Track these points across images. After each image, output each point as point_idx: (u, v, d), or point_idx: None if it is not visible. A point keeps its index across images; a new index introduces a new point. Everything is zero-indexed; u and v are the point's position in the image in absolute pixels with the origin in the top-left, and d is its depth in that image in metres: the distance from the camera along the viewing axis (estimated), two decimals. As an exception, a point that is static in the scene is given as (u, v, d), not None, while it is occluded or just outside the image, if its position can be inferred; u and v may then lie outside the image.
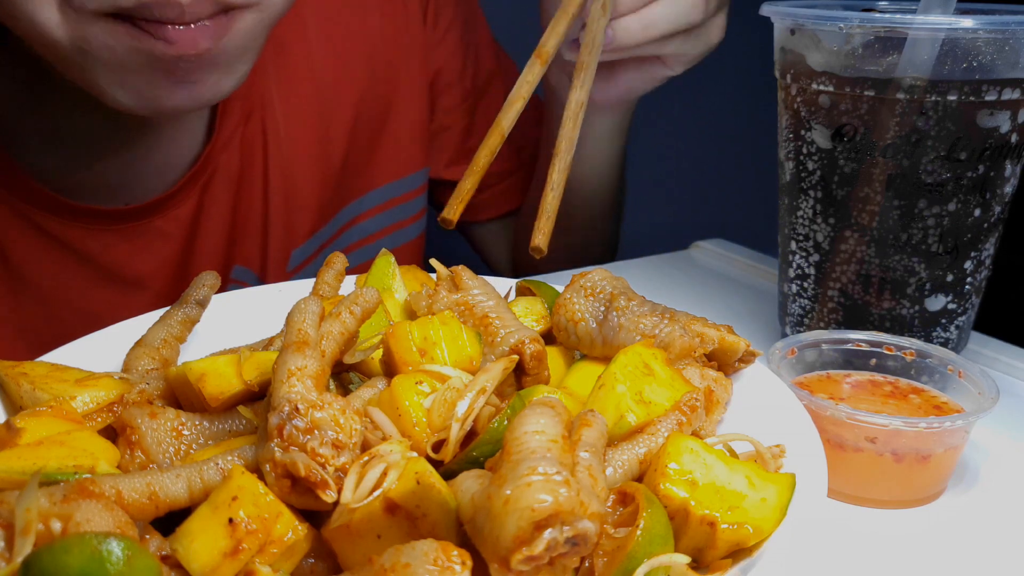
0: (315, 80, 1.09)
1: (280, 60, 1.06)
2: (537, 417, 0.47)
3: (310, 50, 1.09)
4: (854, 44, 0.75)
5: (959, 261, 0.79)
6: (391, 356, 0.62)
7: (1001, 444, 0.75)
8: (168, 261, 1.02)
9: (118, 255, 1.00)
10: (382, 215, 1.20)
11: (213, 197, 1.03)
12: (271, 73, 1.06)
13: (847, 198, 0.78)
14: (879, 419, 0.64)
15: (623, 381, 0.58)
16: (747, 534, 0.51)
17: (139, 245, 1.00)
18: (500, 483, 0.44)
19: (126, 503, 0.49)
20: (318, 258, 1.14)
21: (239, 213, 1.06)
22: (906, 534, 0.65)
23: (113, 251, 0.99)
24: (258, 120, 1.05)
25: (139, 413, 0.57)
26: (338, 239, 1.16)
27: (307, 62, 1.09)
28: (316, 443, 0.49)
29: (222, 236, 1.05)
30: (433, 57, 1.20)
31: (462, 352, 0.62)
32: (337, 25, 1.11)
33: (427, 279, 0.81)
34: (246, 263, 1.08)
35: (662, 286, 1.09)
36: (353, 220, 1.17)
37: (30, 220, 0.94)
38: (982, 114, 0.74)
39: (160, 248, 1.01)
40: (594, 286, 0.69)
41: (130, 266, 1.01)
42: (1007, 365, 0.88)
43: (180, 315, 0.73)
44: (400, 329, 0.62)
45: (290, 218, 1.09)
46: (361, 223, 1.18)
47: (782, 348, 0.74)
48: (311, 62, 1.09)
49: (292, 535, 0.49)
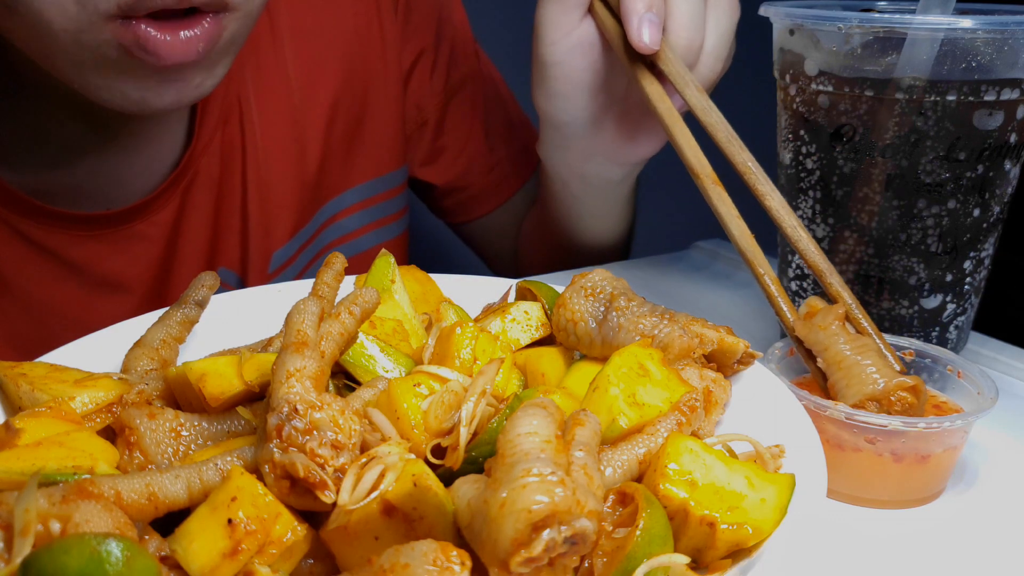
0: (289, 79, 1.09)
1: (255, 60, 1.06)
2: (529, 419, 0.47)
3: (283, 49, 1.08)
4: (853, 44, 0.75)
5: (958, 261, 0.79)
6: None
7: (1001, 444, 0.75)
8: (150, 265, 1.02)
9: (100, 260, 0.99)
10: (361, 213, 1.19)
11: (194, 200, 1.03)
12: (248, 74, 1.05)
13: (846, 198, 0.78)
14: (878, 419, 0.64)
15: (616, 384, 0.58)
16: (747, 534, 0.51)
17: (121, 249, 1.00)
18: (495, 486, 0.44)
19: (125, 504, 0.49)
20: (298, 258, 1.14)
21: (220, 216, 1.05)
22: (905, 534, 0.65)
23: (95, 256, 0.99)
24: (236, 122, 1.04)
25: (138, 414, 0.57)
26: (317, 238, 1.16)
27: (280, 61, 1.08)
28: (315, 444, 0.49)
29: (204, 239, 1.05)
30: (405, 51, 1.19)
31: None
32: (309, 22, 1.10)
33: (426, 279, 0.81)
34: (228, 265, 1.08)
35: (662, 286, 1.09)
36: (331, 218, 1.17)
37: (10, 225, 0.94)
38: (981, 114, 0.74)
39: (142, 252, 1.01)
40: (594, 286, 0.69)
41: (112, 270, 1.00)
42: (1007, 365, 0.88)
43: (179, 316, 0.73)
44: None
45: (270, 219, 1.09)
46: (340, 221, 1.17)
47: (782, 348, 0.74)
48: (284, 61, 1.09)
49: (291, 536, 0.49)
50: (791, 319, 0.72)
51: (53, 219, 0.95)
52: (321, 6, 1.12)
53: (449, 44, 1.23)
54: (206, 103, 1.01)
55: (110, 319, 0.77)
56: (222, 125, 1.03)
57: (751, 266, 0.75)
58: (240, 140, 1.05)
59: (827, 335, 0.69)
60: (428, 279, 0.81)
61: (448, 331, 0.65)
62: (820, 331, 0.69)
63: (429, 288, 0.81)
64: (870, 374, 0.66)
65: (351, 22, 1.14)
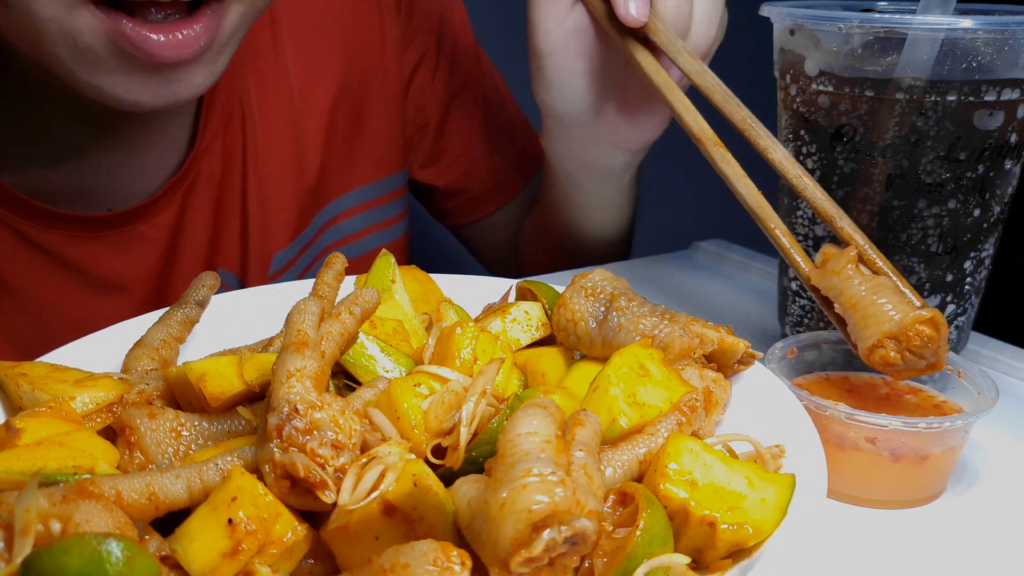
0: (290, 81, 1.09)
1: (256, 62, 1.06)
2: (529, 419, 0.47)
3: (284, 50, 1.08)
4: (853, 44, 0.75)
5: (959, 261, 0.79)
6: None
7: (1001, 444, 0.75)
8: (151, 266, 1.02)
9: (101, 261, 0.99)
10: (361, 216, 1.19)
11: (195, 203, 1.02)
12: (249, 76, 1.05)
13: (846, 198, 0.78)
14: (879, 419, 0.64)
15: (617, 384, 0.58)
16: (747, 534, 0.51)
17: (122, 251, 1.00)
18: (496, 486, 0.44)
19: (125, 504, 0.49)
20: (299, 261, 1.14)
21: (220, 217, 1.05)
22: (906, 534, 0.65)
23: (96, 257, 0.99)
24: (238, 124, 1.04)
25: (138, 414, 0.57)
26: (317, 240, 1.16)
27: (281, 62, 1.08)
28: (315, 444, 0.49)
29: (204, 241, 1.05)
30: (407, 54, 1.19)
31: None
32: (310, 23, 1.10)
33: (427, 279, 0.81)
34: (228, 267, 1.08)
35: (662, 286, 1.09)
36: (331, 221, 1.17)
37: (11, 227, 0.94)
38: (981, 114, 0.74)
39: (143, 254, 1.01)
40: (594, 286, 0.69)
41: (113, 272, 1.00)
42: (1007, 365, 0.88)
43: (179, 316, 0.73)
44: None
45: (270, 221, 1.09)
46: (339, 223, 1.17)
47: (782, 348, 0.74)
48: (285, 62, 1.08)
49: (291, 536, 0.49)
50: (806, 269, 0.71)
51: (54, 220, 0.95)
52: (322, 7, 1.12)
53: (450, 46, 1.23)
54: (210, 105, 1.01)
55: (110, 320, 0.77)
56: (224, 127, 1.03)
57: (762, 223, 0.74)
58: (241, 142, 1.05)
59: (842, 279, 0.67)
60: (428, 279, 0.81)
61: (448, 331, 0.65)
62: (834, 276, 0.67)
63: (429, 288, 0.81)
64: (887, 311, 0.64)
65: (352, 23, 1.14)
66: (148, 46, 0.76)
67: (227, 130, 1.04)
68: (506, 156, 1.28)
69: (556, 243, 1.24)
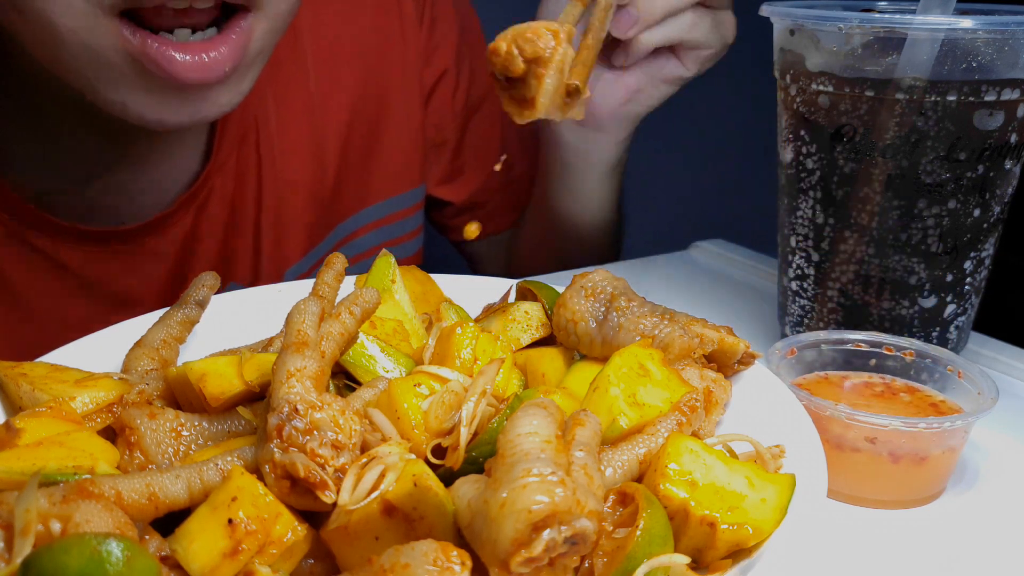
0: (308, 97, 1.08)
1: (276, 79, 1.05)
2: (529, 419, 0.47)
3: (304, 67, 1.08)
4: (853, 44, 0.75)
5: (959, 261, 0.79)
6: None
7: (1001, 444, 0.75)
8: (162, 280, 1.02)
9: (112, 275, 0.99)
10: (377, 232, 1.19)
11: (208, 218, 1.02)
12: (268, 92, 1.05)
13: (847, 198, 0.78)
14: (878, 419, 0.64)
15: (617, 384, 0.58)
16: (747, 534, 0.51)
17: (133, 264, 1.00)
18: (496, 487, 0.44)
19: (125, 504, 0.49)
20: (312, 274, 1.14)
21: (232, 233, 1.05)
22: (906, 534, 0.65)
23: (107, 270, 0.99)
24: (253, 141, 1.04)
25: (138, 414, 0.57)
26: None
27: (301, 79, 1.08)
28: (315, 444, 0.49)
29: (215, 256, 1.05)
30: (428, 67, 1.19)
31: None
32: (331, 39, 1.10)
33: (427, 279, 0.81)
34: (240, 282, 1.08)
35: (662, 286, 1.09)
36: (348, 237, 1.17)
37: (23, 239, 0.94)
38: (981, 114, 0.74)
39: (154, 268, 1.01)
40: (594, 286, 0.69)
41: (124, 285, 1.00)
42: (1007, 365, 0.88)
43: (179, 316, 0.73)
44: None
45: (283, 237, 1.09)
46: (356, 239, 1.17)
47: (782, 348, 0.74)
48: (304, 78, 1.08)
49: (291, 536, 0.49)
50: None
51: (66, 234, 0.95)
52: (344, 19, 1.11)
53: (469, 61, 1.23)
54: (225, 123, 1.00)
55: None
56: (239, 144, 1.03)
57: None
58: (256, 159, 1.04)
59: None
60: (428, 279, 0.81)
61: (448, 331, 0.65)
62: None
63: (429, 288, 0.81)
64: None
65: (373, 38, 1.13)
66: (173, 68, 0.75)
67: (242, 148, 1.03)
68: (521, 169, 1.28)
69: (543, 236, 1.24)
